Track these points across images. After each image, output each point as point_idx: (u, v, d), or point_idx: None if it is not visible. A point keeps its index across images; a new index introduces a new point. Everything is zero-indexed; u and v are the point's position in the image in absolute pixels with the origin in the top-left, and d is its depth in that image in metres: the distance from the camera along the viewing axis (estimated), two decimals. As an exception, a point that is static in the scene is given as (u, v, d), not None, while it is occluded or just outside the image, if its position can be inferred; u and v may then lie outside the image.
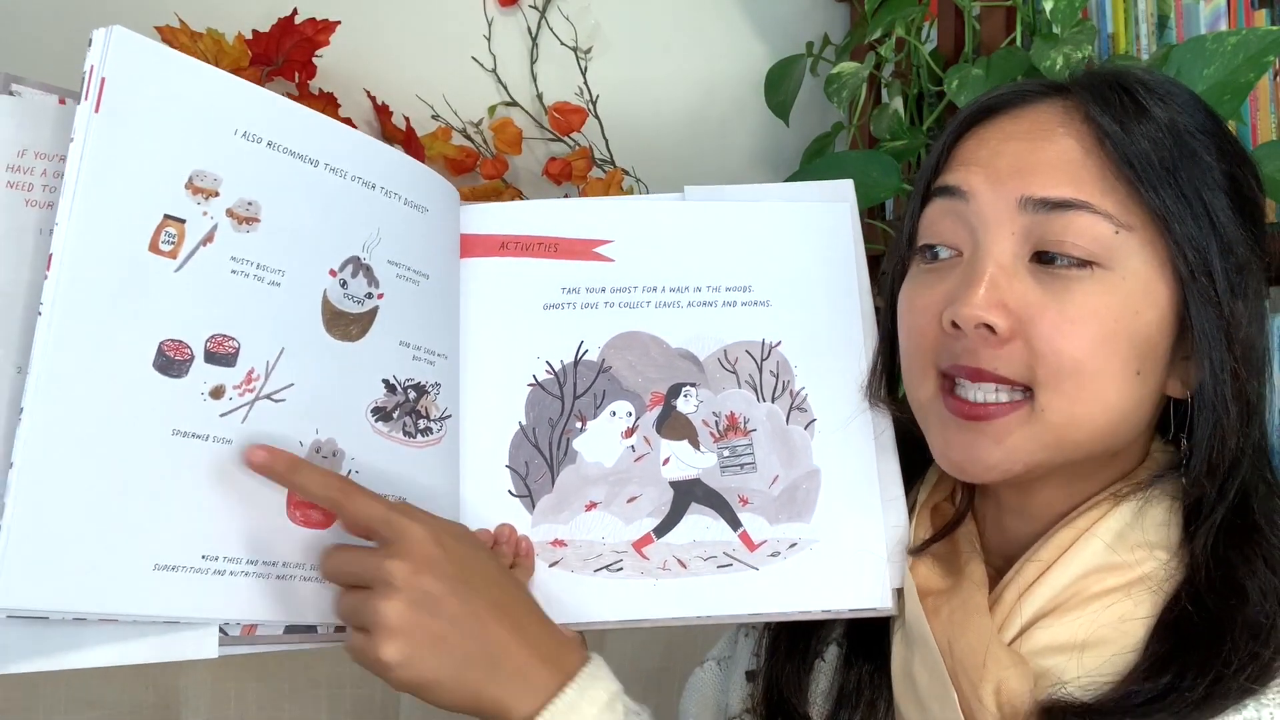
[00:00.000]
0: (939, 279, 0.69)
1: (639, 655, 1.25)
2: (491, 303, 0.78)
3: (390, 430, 0.70)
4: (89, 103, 0.59)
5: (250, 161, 0.65)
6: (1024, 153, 0.66)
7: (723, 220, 0.82)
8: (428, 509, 0.71)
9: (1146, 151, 0.64)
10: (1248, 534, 0.66)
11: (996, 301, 0.64)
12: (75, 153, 0.58)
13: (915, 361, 0.70)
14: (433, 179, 0.75)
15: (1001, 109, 0.70)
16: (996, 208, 0.66)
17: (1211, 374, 0.64)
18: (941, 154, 0.72)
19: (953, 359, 0.67)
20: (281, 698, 0.69)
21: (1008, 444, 0.65)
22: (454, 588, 0.61)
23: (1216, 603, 0.63)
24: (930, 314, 0.68)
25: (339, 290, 0.68)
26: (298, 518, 0.66)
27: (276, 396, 0.65)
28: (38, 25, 1.12)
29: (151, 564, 0.60)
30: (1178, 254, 0.64)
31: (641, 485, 0.76)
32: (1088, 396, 0.64)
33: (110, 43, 0.60)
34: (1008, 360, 0.65)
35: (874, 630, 0.74)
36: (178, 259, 0.62)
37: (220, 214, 0.63)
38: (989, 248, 0.66)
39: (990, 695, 0.63)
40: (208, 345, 0.63)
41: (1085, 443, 0.66)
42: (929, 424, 0.70)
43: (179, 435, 0.61)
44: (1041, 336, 0.64)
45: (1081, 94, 0.68)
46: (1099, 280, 0.64)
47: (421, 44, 1.30)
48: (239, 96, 0.65)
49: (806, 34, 1.50)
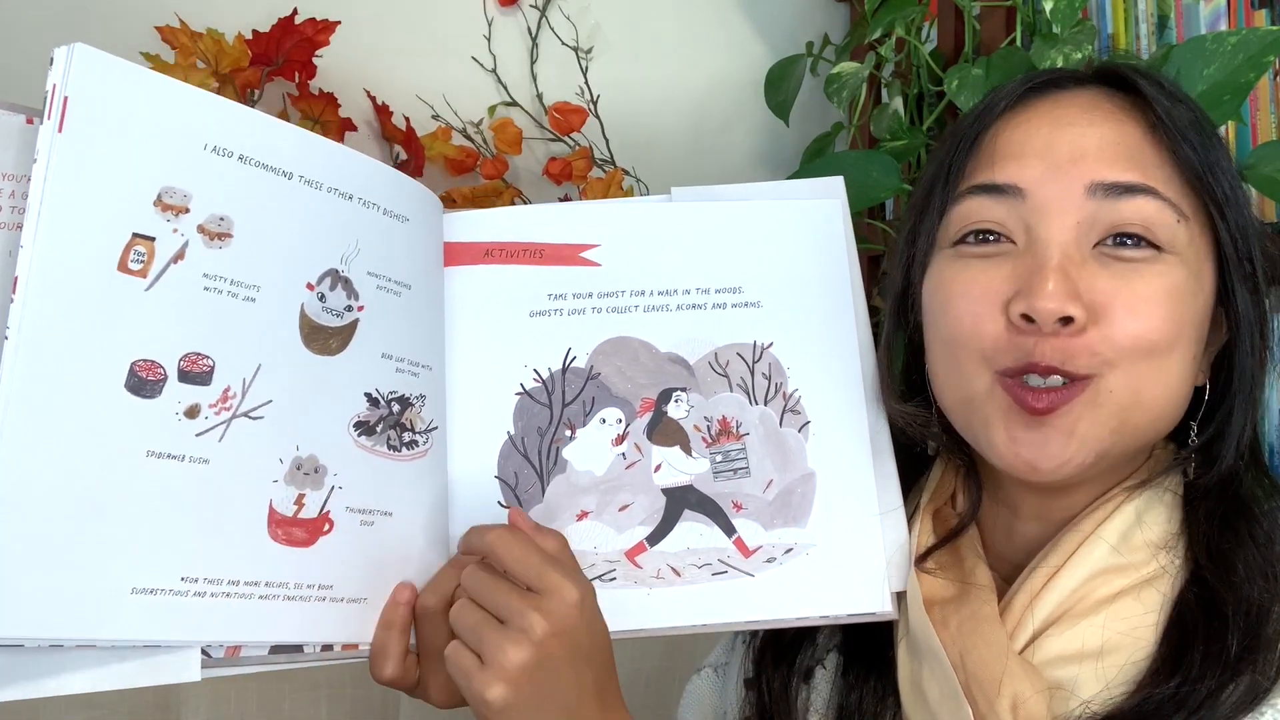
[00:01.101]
0: (991, 265, 0.66)
1: (638, 657, 1.25)
2: (477, 311, 0.77)
3: (374, 444, 0.69)
4: (51, 122, 0.58)
5: (221, 176, 0.64)
6: (1082, 137, 0.65)
7: (711, 220, 0.80)
8: (415, 523, 0.71)
9: (1194, 140, 0.64)
10: (1236, 510, 0.66)
11: (1071, 292, 0.62)
12: (39, 173, 0.58)
13: (966, 353, 0.66)
14: (413, 188, 0.74)
15: (1037, 96, 0.68)
16: (1061, 197, 0.64)
17: (1253, 361, 0.66)
18: (969, 147, 0.69)
19: (1023, 356, 0.63)
20: (281, 698, 0.69)
21: (1079, 434, 0.63)
22: (574, 658, 0.63)
23: (1214, 581, 0.63)
24: (989, 303, 0.65)
25: (317, 304, 0.67)
26: (279, 536, 0.65)
27: (254, 414, 0.64)
28: (33, 35, 1.12)
29: (129, 588, 0.59)
30: (1228, 241, 0.64)
31: (633, 493, 0.75)
32: (1154, 378, 0.63)
33: (72, 60, 0.59)
34: (1077, 354, 0.62)
35: (873, 641, 0.73)
36: (148, 278, 0.61)
37: (191, 231, 0.62)
38: (1053, 236, 0.64)
39: (1007, 709, 0.62)
40: (181, 364, 0.62)
41: (1145, 426, 0.65)
42: (985, 420, 0.66)
43: (154, 456, 0.60)
44: (1116, 322, 0.62)
45: (1122, 77, 0.67)
46: (1163, 262, 0.63)
47: (421, 44, 1.29)
48: (208, 111, 0.64)
49: (806, 34, 1.49)
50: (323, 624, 0.66)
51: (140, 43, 1.11)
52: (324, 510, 0.67)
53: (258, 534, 0.64)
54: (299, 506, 0.66)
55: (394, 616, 0.68)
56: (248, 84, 1.13)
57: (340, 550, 0.67)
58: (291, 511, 0.65)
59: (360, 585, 0.68)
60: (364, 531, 0.68)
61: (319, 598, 0.66)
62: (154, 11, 1.12)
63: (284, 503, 0.65)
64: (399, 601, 0.68)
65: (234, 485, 0.63)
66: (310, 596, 0.66)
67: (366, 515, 0.68)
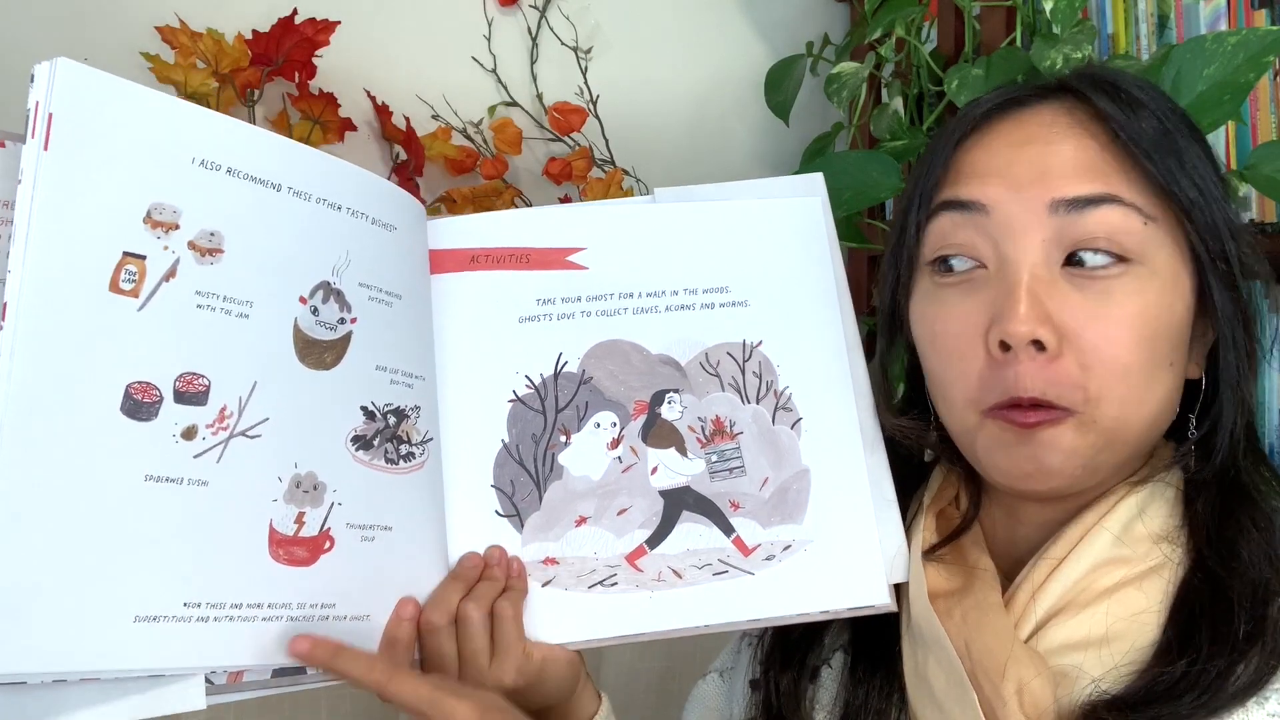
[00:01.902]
0: (966, 295, 0.67)
1: (639, 660, 1.25)
2: (465, 319, 0.76)
3: (372, 459, 0.68)
4: (36, 141, 0.56)
5: (210, 190, 0.62)
6: (1041, 155, 0.65)
7: (695, 221, 0.80)
8: (415, 537, 0.70)
9: (1156, 141, 0.64)
10: (1238, 498, 0.67)
11: (1042, 315, 0.63)
12: (25, 194, 0.56)
13: (956, 390, 0.68)
14: (398, 195, 0.73)
15: (1000, 113, 0.69)
16: (1023, 216, 0.65)
17: (1235, 356, 0.66)
18: (940, 166, 0.69)
19: (1004, 393, 0.64)
20: (282, 698, 0.68)
21: (1067, 448, 0.64)
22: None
23: (1218, 568, 0.63)
24: (968, 338, 0.66)
25: (310, 318, 0.66)
26: (280, 556, 0.64)
27: (251, 433, 0.63)
28: (34, 36, 1.10)
29: (132, 616, 0.57)
30: (1198, 241, 0.64)
31: (631, 496, 0.74)
32: (1135, 398, 0.64)
33: (55, 77, 0.57)
34: (1058, 382, 0.63)
35: (879, 639, 0.73)
36: (140, 297, 0.59)
37: (182, 247, 0.61)
38: (1020, 258, 0.64)
39: (1013, 695, 0.63)
40: (177, 385, 0.60)
41: (1133, 441, 0.66)
42: (978, 444, 0.68)
43: (152, 480, 0.59)
44: (1089, 348, 0.63)
45: (1079, 91, 0.67)
46: (1135, 277, 0.64)
47: (421, 44, 1.29)
48: (193, 123, 0.62)
49: (806, 34, 1.50)
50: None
51: (140, 43, 1.10)
52: (324, 528, 0.65)
53: (259, 555, 0.63)
54: (299, 525, 0.64)
55: (399, 633, 0.67)
56: (248, 84, 1.12)
57: (342, 568, 0.66)
58: (292, 530, 0.64)
59: (362, 602, 0.67)
60: (364, 548, 0.67)
61: (321, 617, 0.65)
62: (154, 11, 1.11)
63: (284, 522, 0.64)
64: (403, 617, 0.68)
65: (234, 506, 0.62)
66: (314, 616, 0.65)
67: (367, 531, 0.67)
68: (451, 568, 0.71)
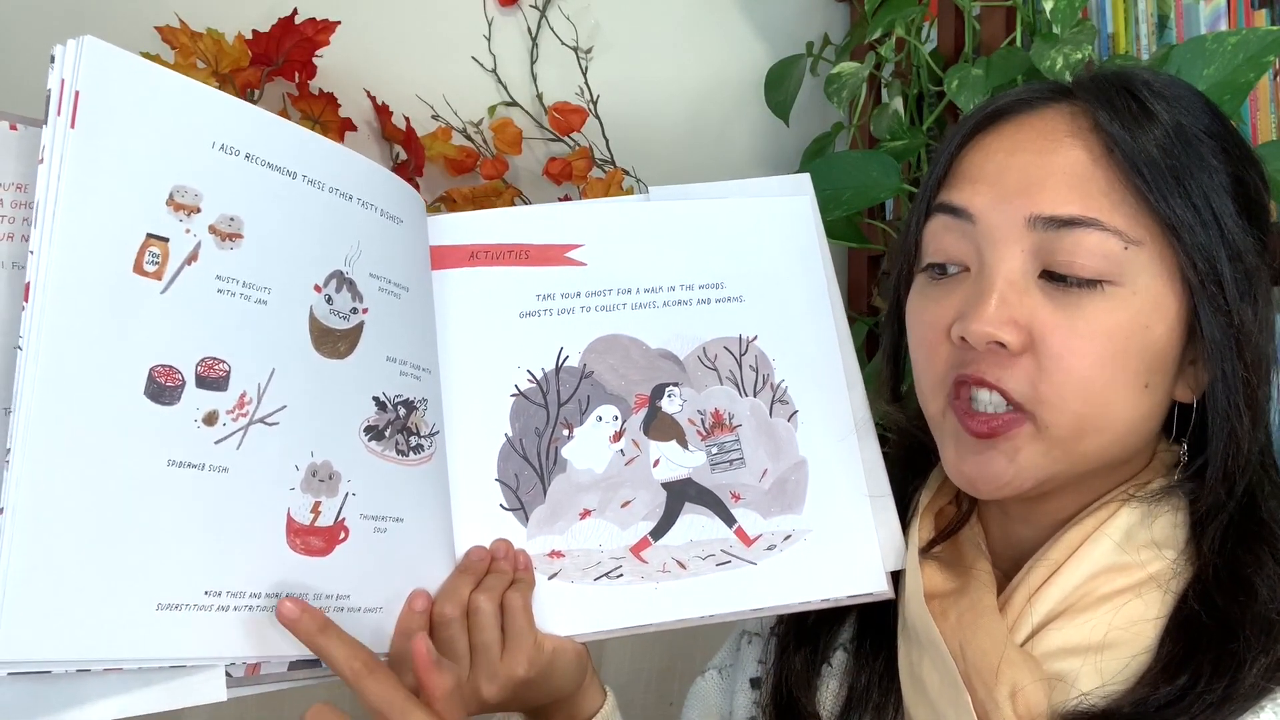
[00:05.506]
0: (946, 293, 0.68)
1: (640, 657, 1.24)
2: (467, 314, 0.76)
3: (384, 450, 0.68)
4: (63, 119, 0.55)
5: (229, 175, 0.62)
6: (1031, 166, 0.65)
7: (689, 219, 0.82)
8: (425, 528, 0.70)
9: (1155, 159, 0.63)
10: (1255, 532, 0.65)
11: (1007, 318, 0.63)
12: (50, 174, 0.54)
13: (926, 377, 0.69)
14: (403, 188, 0.73)
15: (1006, 116, 0.68)
16: (1004, 227, 0.65)
17: (1224, 383, 0.64)
18: (945, 165, 0.70)
19: (961, 368, 0.66)
20: (282, 697, 0.66)
21: (1019, 461, 0.65)
22: None
23: (1226, 600, 0.62)
24: (939, 329, 0.67)
25: (325, 306, 0.66)
26: (298, 545, 0.63)
27: (270, 420, 0.62)
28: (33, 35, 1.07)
29: (154, 604, 0.56)
30: (1188, 264, 0.63)
31: (634, 489, 0.75)
32: (1095, 411, 0.63)
33: (82, 54, 0.56)
34: (1013, 376, 0.64)
35: (885, 629, 0.74)
36: (163, 280, 0.58)
37: (203, 231, 0.60)
38: (997, 264, 0.65)
39: (1005, 698, 0.63)
40: (198, 369, 0.59)
41: (1095, 454, 0.65)
42: (942, 439, 0.69)
43: (174, 465, 0.58)
44: (1050, 354, 0.63)
45: (1087, 98, 0.66)
46: (1109, 297, 0.63)
47: (421, 44, 1.28)
48: (214, 107, 0.62)
49: (806, 34, 1.51)
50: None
51: (140, 43, 1.08)
52: (339, 518, 0.65)
53: (277, 544, 0.62)
54: (315, 514, 0.64)
55: (411, 625, 0.66)
56: (248, 84, 1.11)
57: (356, 559, 0.65)
58: (309, 520, 0.63)
59: (376, 594, 0.66)
60: (377, 539, 0.67)
61: (337, 608, 0.64)
62: (154, 11, 1.10)
63: (301, 511, 0.63)
64: (415, 609, 0.67)
65: (253, 493, 0.61)
66: (329, 607, 0.64)
67: (379, 522, 0.67)
68: (458, 561, 0.71)
